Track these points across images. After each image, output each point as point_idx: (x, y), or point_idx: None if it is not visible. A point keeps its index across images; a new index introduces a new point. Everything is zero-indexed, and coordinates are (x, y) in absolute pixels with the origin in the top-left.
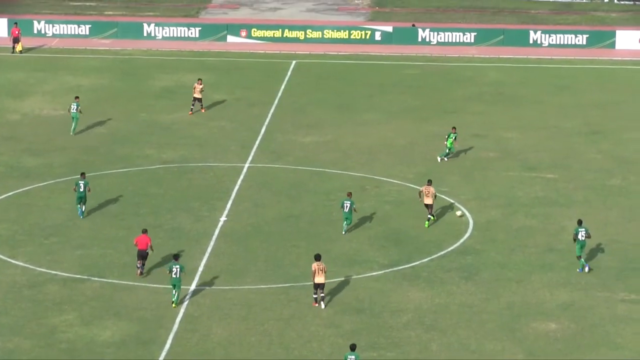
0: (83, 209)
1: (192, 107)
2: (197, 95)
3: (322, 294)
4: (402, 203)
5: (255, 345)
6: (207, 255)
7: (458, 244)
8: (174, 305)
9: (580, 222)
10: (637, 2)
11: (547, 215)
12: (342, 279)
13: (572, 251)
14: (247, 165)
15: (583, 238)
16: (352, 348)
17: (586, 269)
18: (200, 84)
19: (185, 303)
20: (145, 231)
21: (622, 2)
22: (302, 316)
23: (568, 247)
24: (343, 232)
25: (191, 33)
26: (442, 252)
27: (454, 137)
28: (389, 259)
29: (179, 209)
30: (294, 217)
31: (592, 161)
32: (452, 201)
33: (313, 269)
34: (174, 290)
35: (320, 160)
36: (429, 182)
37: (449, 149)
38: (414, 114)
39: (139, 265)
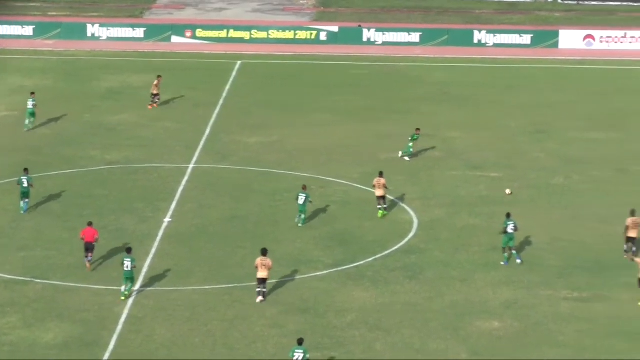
0: (26, 202)
1: (155, 101)
2: (154, 91)
3: (264, 289)
4: (347, 203)
5: (199, 346)
6: (151, 256)
7: (402, 243)
8: (122, 298)
9: (508, 215)
10: (580, 2)
11: (491, 214)
12: (287, 279)
13: (515, 249)
14: (192, 166)
15: (512, 231)
16: (300, 342)
17: (518, 261)
18: (159, 81)
19: (129, 304)
20: (90, 224)
21: (566, 2)
22: (247, 317)
23: None
24: (296, 221)
25: (136, 33)
26: (386, 252)
27: (416, 138)
28: (334, 258)
29: (123, 210)
30: (238, 218)
31: (536, 160)
32: (396, 200)
33: (256, 264)
34: (124, 285)
35: (266, 161)
36: (380, 174)
37: (409, 149)
38: (360, 115)
39: (87, 257)
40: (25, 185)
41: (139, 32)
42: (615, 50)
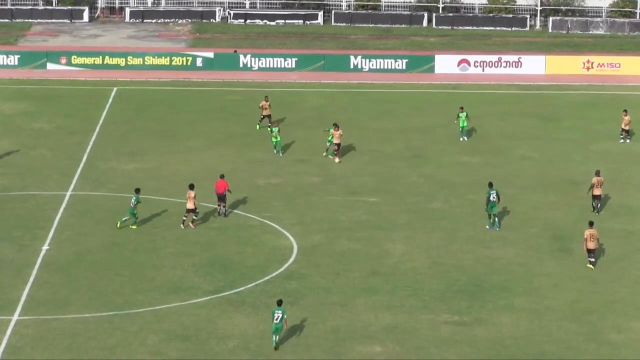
0: None
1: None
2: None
3: (195, 216)
4: (226, 229)
5: None
6: (29, 284)
7: (282, 269)
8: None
9: (490, 185)
10: (454, 27)
11: (371, 239)
12: (167, 306)
13: (395, 274)
14: (69, 193)
15: (494, 199)
16: (279, 303)
17: (497, 229)
18: (267, 101)
19: (8, 333)
20: None
21: (440, 27)
22: (127, 344)
23: (392, 270)
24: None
25: (10, 61)
26: (266, 278)
27: (464, 116)
28: (214, 285)
29: (0, 238)
30: (117, 245)
31: (414, 185)
32: (276, 226)
33: (187, 195)
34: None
35: (144, 188)
36: None
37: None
38: (237, 140)
39: None
40: None
41: (13, 59)
42: (490, 74)
